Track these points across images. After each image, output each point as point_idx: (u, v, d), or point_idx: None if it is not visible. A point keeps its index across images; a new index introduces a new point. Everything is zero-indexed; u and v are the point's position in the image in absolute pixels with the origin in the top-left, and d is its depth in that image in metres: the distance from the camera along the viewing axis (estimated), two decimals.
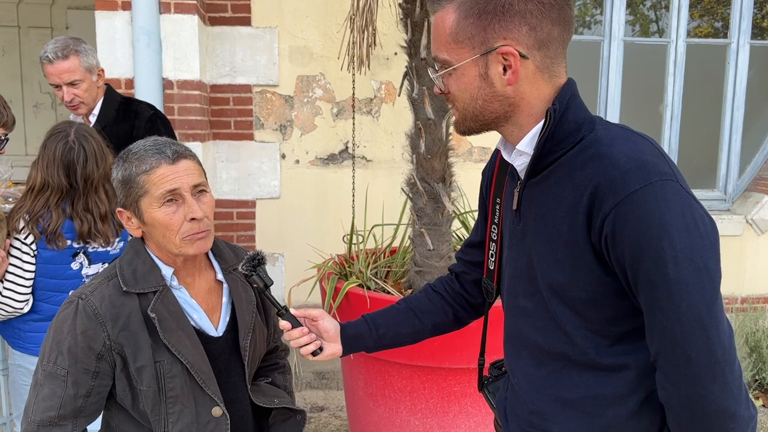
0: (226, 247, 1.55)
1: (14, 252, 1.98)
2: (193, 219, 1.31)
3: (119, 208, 1.37)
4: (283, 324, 1.31)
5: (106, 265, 2.11)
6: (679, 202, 0.92)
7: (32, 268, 1.99)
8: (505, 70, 1.02)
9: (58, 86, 2.38)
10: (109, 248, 2.10)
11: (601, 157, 0.97)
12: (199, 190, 1.34)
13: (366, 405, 2.44)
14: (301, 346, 1.31)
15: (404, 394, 2.29)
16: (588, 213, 0.97)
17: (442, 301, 1.40)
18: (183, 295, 1.40)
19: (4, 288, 1.98)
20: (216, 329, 1.43)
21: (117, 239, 2.12)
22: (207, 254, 1.48)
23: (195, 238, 1.33)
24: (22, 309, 2.00)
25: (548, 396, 1.12)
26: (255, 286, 1.32)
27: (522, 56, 1.00)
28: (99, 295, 1.31)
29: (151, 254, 1.38)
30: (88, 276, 2.07)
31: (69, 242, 2.00)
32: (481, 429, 2.30)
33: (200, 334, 1.39)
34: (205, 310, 1.42)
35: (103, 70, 2.47)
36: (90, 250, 2.05)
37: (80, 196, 2.00)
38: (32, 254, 1.98)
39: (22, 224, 1.96)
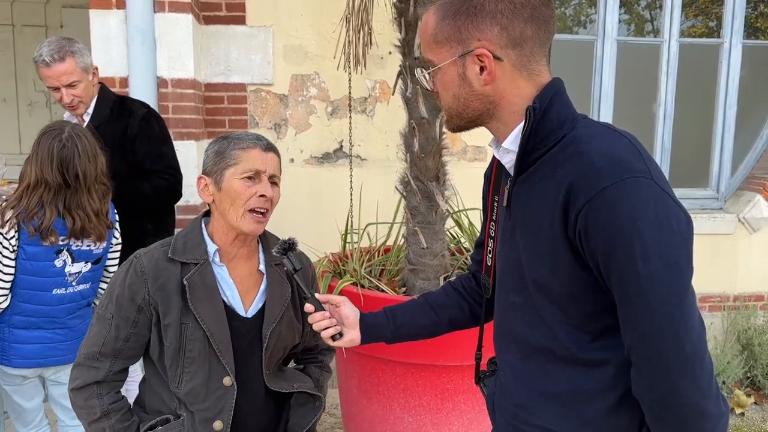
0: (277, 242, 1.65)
1: None
2: (262, 195, 1.49)
3: (201, 175, 1.54)
4: (308, 306, 1.39)
5: (89, 264, 2.12)
6: (650, 199, 0.94)
7: (11, 263, 1.98)
8: (481, 70, 1.05)
9: (56, 88, 2.37)
10: (92, 248, 2.10)
11: (579, 154, 0.99)
12: (273, 181, 1.54)
13: (360, 402, 2.45)
14: (322, 330, 1.37)
15: (397, 392, 2.30)
16: (564, 209, 0.99)
17: (458, 296, 1.44)
18: (222, 272, 1.55)
19: None
20: (246, 311, 1.57)
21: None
22: (257, 244, 1.62)
23: (255, 218, 1.50)
24: (0, 304, 1.99)
25: (533, 390, 1.14)
26: (285, 269, 1.44)
27: (496, 58, 1.03)
28: (149, 257, 1.51)
29: (204, 232, 1.55)
30: (70, 274, 2.07)
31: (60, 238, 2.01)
32: (473, 426, 2.32)
33: (231, 311, 1.54)
34: (239, 291, 1.57)
35: (97, 68, 2.47)
36: (74, 248, 2.05)
37: (73, 193, 2.01)
38: (11, 249, 1.97)
39: (8, 217, 1.96)
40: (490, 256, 1.30)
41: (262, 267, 1.61)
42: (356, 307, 1.42)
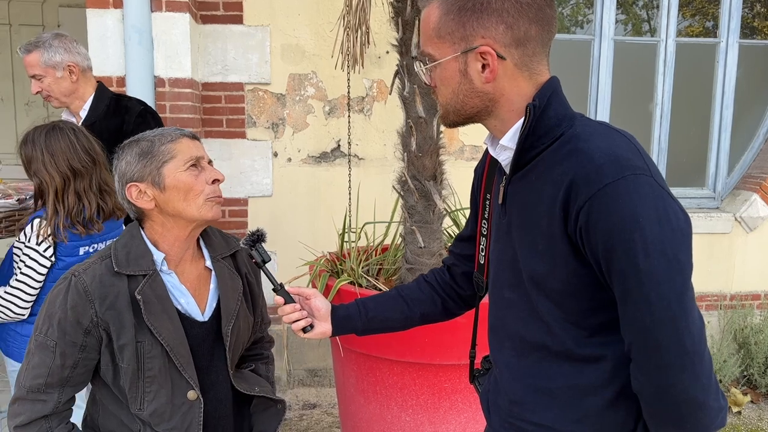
0: (219, 235, 1.60)
1: (29, 263, 1.95)
2: (215, 180, 1.44)
3: (131, 183, 1.41)
4: (277, 299, 1.37)
5: None
6: (651, 196, 0.95)
7: (42, 278, 1.98)
8: (483, 67, 1.05)
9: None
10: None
11: (578, 152, 1.00)
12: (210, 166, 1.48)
13: (357, 401, 2.45)
14: (292, 322, 1.36)
15: (395, 391, 2.31)
16: (564, 206, 1.00)
17: (431, 290, 1.44)
18: (172, 280, 1.45)
19: (6, 293, 1.96)
20: (203, 314, 1.49)
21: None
22: (198, 242, 1.54)
23: (215, 202, 1.43)
24: (22, 315, 1.99)
25: (528, 386, 1.14)
26: (254, 260, 1.39)
27: (499, 56, 1.03)
28: (91, 274, 1.38)
29: (146, 240, 1.44)
30: None
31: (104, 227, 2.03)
32: (471, 425, 2.32)
33: (186, 318, 1.45)
34: (193, 296, 1.48)
35: (74, 66, 2.40)
36: (90, 251, 2.07)
37: (100, 170, 2.04)
38: (49, 266, 1.97)
39: (46, 233, 1.93)
40: (483, 254, 1.30)
41: (209, 263, 1.53)
42: (327, 300, 1.43)
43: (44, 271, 1.97)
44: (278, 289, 1.38)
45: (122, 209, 2.08)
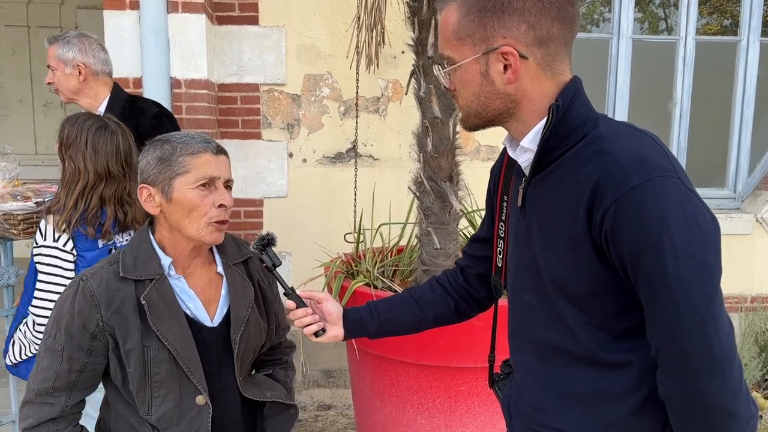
0: (231, 241, 1.59)
1: (52, 261, 1.88)
2: (221, 206, 1.40)
3: (143, 184, 1.41)
4: (289, 303, 1.36)
5: None
6: (678, 198, 0.92)
7: (72, 275, 1.90)
8: (505, 68, 1.03)
9: None
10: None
11: (603, 153, 0.98)
12: (228, 185, 1.44)
13: (373, 404, 2.44)
14: (304, 326, 1.36)
15: (411, 393, 2.29)
16: (589, 208, 0.97)
17: (444, 292, 1.42)
18: (181, 285, 1.45)
19: (35, 306, 1.89)
20: (212, 320, 1.48)
21: None
22: (210, 247, 1.52)
23: (217, 227, 1.41)
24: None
25: (551, 391, 1.12)
26: (264, 265, 1.37)
27: (521, 56, 1.01)
28: (98, 279, 1.38)
29: (154, 244, 1.43)
30: None
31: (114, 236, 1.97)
32: (487, 428, 2.30)
33: (195, 323, 1.44)
34: (202, 301, 1.47)
35: (83, 66, 2.41)
36: (118, 244, 2.01)
37: (127, 182, 1.98)
38: (72, 260, 1.91)
39: (58, 223, 1.86)
40: (501, 257, 1.28)
41: (220, 269, 1.52)
42: (339, 304, 1.41)
43: (71, 266, 1.90)
44: (289, 293, 1.38)
45: (141, 222, 2.01)
